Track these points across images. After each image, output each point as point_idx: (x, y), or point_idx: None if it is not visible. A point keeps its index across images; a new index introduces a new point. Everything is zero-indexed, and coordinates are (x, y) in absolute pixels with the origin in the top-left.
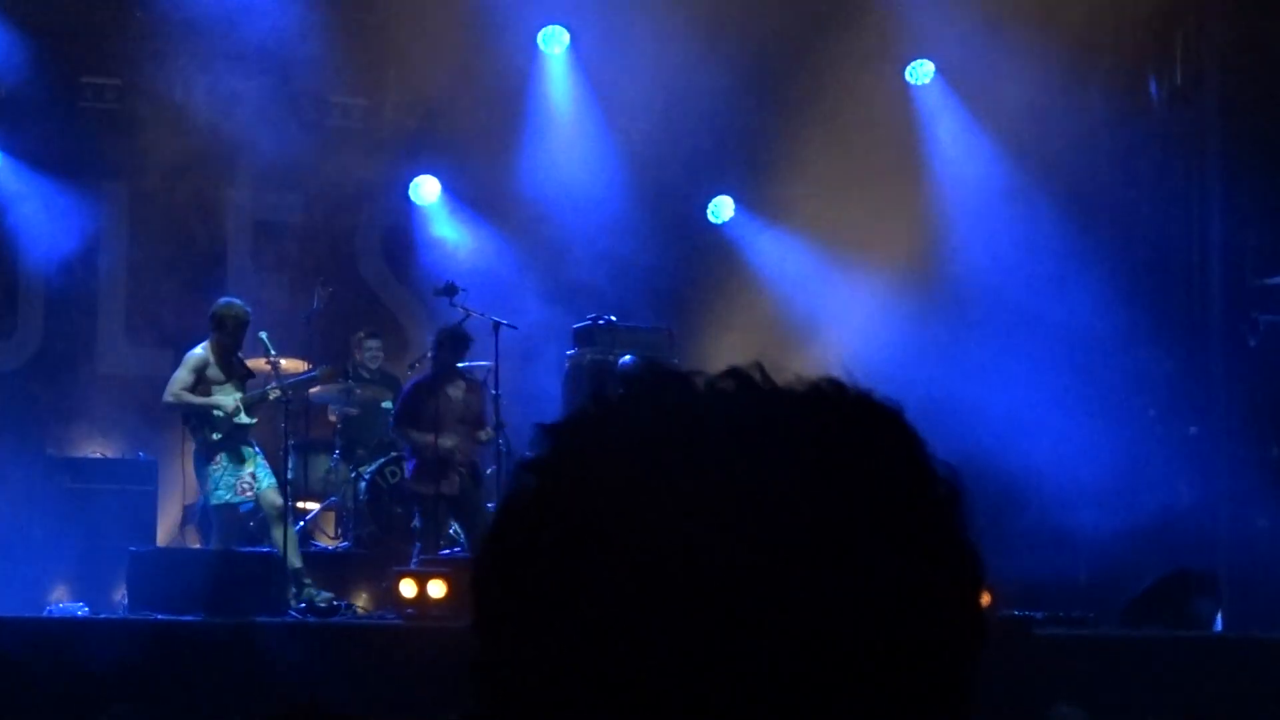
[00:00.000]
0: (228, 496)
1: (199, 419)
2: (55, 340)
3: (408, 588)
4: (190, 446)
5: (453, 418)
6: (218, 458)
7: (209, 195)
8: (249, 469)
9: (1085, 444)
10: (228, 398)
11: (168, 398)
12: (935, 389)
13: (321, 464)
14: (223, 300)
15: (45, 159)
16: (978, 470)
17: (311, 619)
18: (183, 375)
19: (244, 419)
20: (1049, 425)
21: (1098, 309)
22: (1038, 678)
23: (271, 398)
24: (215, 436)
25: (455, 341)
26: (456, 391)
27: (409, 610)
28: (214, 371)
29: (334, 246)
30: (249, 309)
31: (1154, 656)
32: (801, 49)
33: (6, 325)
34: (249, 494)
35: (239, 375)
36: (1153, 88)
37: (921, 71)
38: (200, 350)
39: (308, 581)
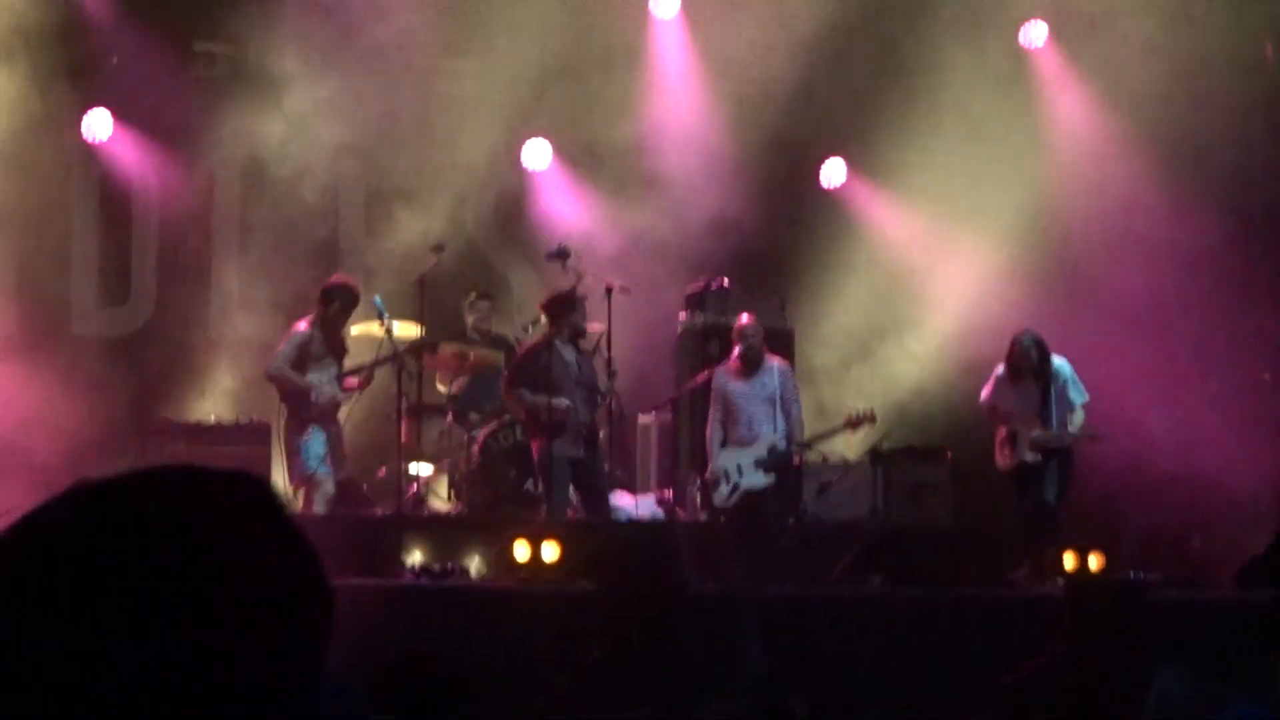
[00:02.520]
0: (319, 468)
1: (296, 395)
2: (168, 306)
3: (521, 550)
4: (282, 417)
5: (569, 382)
6: (309, 430)
7: (319, 161)
8: (330, 445)
9: (1199, 407)
10: (324, 374)
11: (270, 370)
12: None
13: (434, 427)
14: (336, 277)
15: (157, 127)
16: (1091, 433)
17: (425, 582)
18: (287, 351)
19: (338, 395)
20: (1162, 388)
21: (1211, 271)
22: (1149, 640)
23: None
24: (308, 414)
25: (568, 306)
26: (570, 355)
27: (522, 573)
28: (316, 348)
29: (445, 211)
30: (360, 288)
31: (1268, 620)
32: (914, 10)
33: (119, 292)
34: (330, 466)
35: (338, 352)
36: (1269, 51)
37: (1034, 33)
38: (304, 327)
39: None
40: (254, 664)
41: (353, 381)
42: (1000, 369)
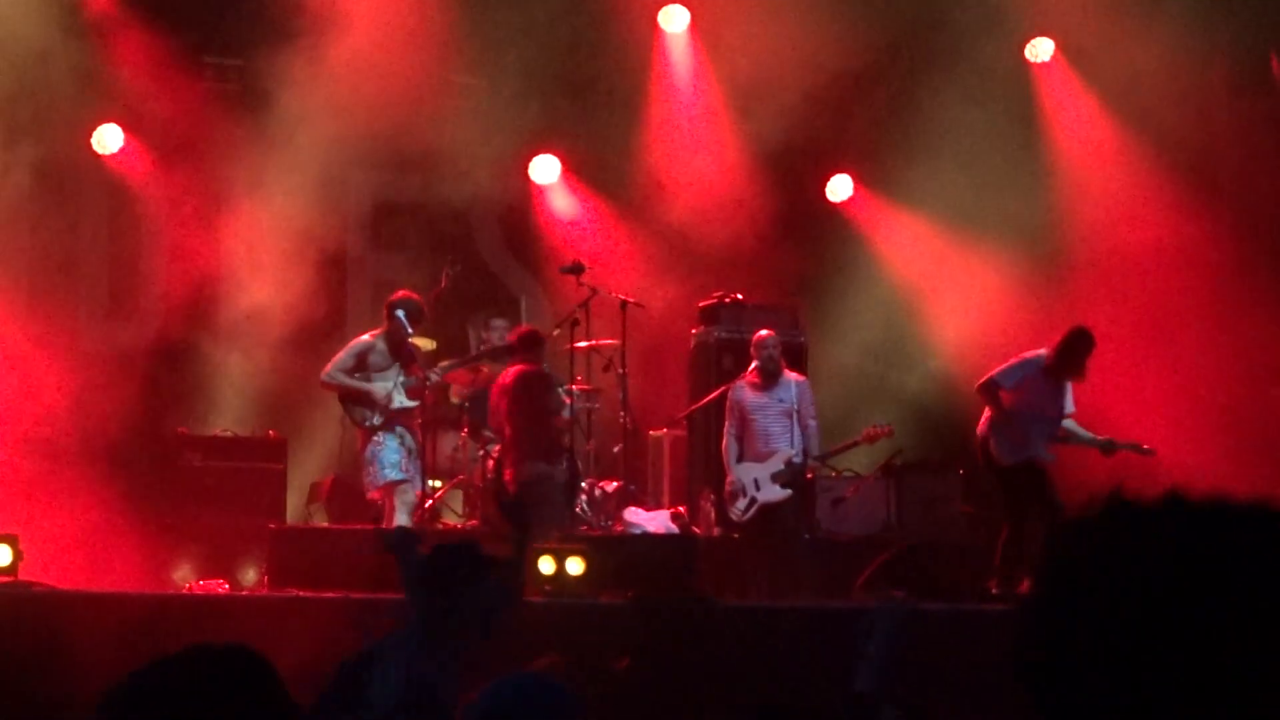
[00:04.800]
0: (394, 475)
1: (354, 402)
2: (177, 319)
3: (546, 565)
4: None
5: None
6: (378, 437)
7: (329, 175)
8: (405, 453)
9: (1205, 421)
10: (387, 382)
11: (324, 377)
12: None
13: (449, 442)
14: (400, 291)
15: (167, 139)
16: (1101, 446)
17: None
18: (343, 358)
19: (404, 403)
20: (1168, 402)
21: (1218, 286)
22: None
23: (433, 379)
24: (374, 420)
25: (541, 341)
26: None
27: (546, 587)
28: (378, 358)
29: (452, 226)
30: (423, 301)
31: None
32: (920, 27)
33: (128, 306)
34: (411, 473)
35: (406, 362)
36: (1274, 65)
37: (1041, 48)
38: (367, 336)
39: None
40: None
41: (419, 392)
42: (1039, 359)
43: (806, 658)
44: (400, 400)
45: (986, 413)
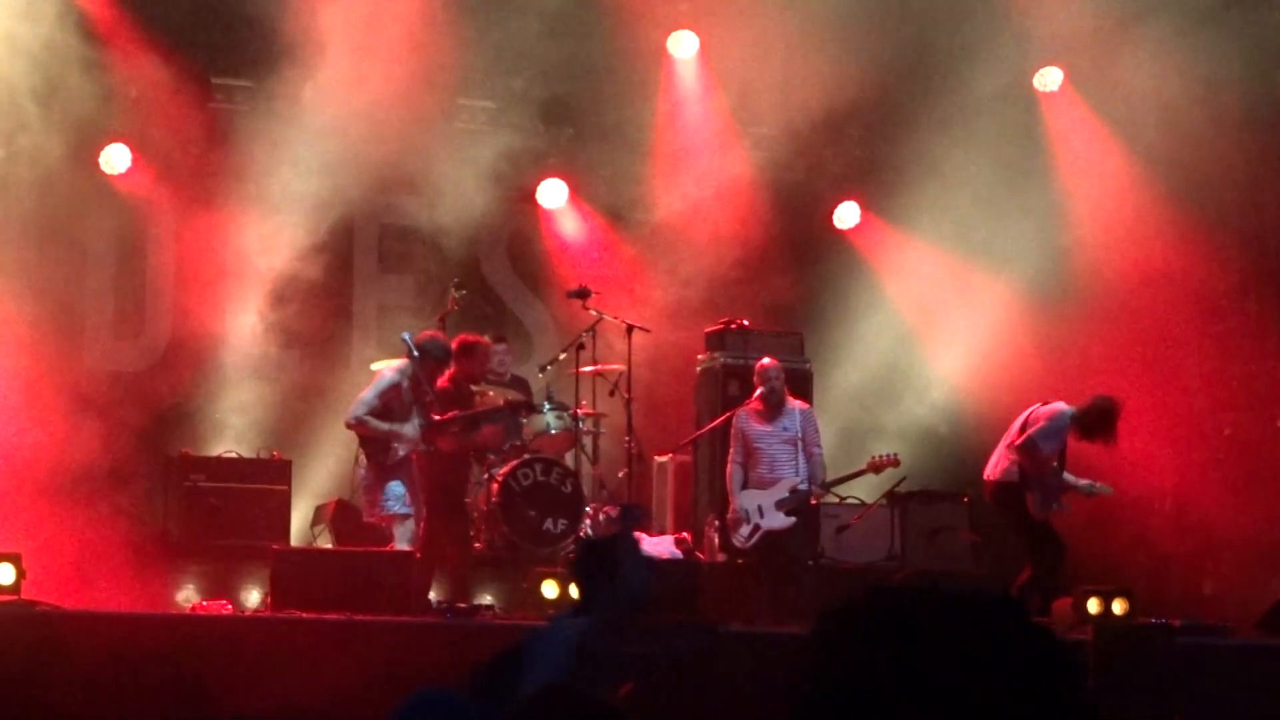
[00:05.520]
0: (399, 508)
1: (378, 444)
2: (183, 339)
3: (550, 589)
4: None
5: None
6: (388, 471)
7: (336, 197)
8: (410, 487)
9: (1211, 450)
10: (409, 426)
11: (350, 420)
12: (1060, 395)
13: None
14: (427, 332)
15: (174, 160)
16: (1108, 477)
17: (455, 619)
18: (369, 398)
19: (422, 447)
20: (1174, 430)
21: (1229, 317)
22: (1176, 685)
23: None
24: (398, 457)
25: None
26: None
27: (549, 610)
28: (405, 397)
29: (459, 249)
30: (449, 343)
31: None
32: (928, 55)
33: (133, 325)
34: (413, 508)
35: (424, 404)
36: None
37: (1050, 78)
38: (394, 375)
39: None
40: None
41: (434, 438)
42: (1068, 417)
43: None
44: (417, 442)
45: (1007, 461)
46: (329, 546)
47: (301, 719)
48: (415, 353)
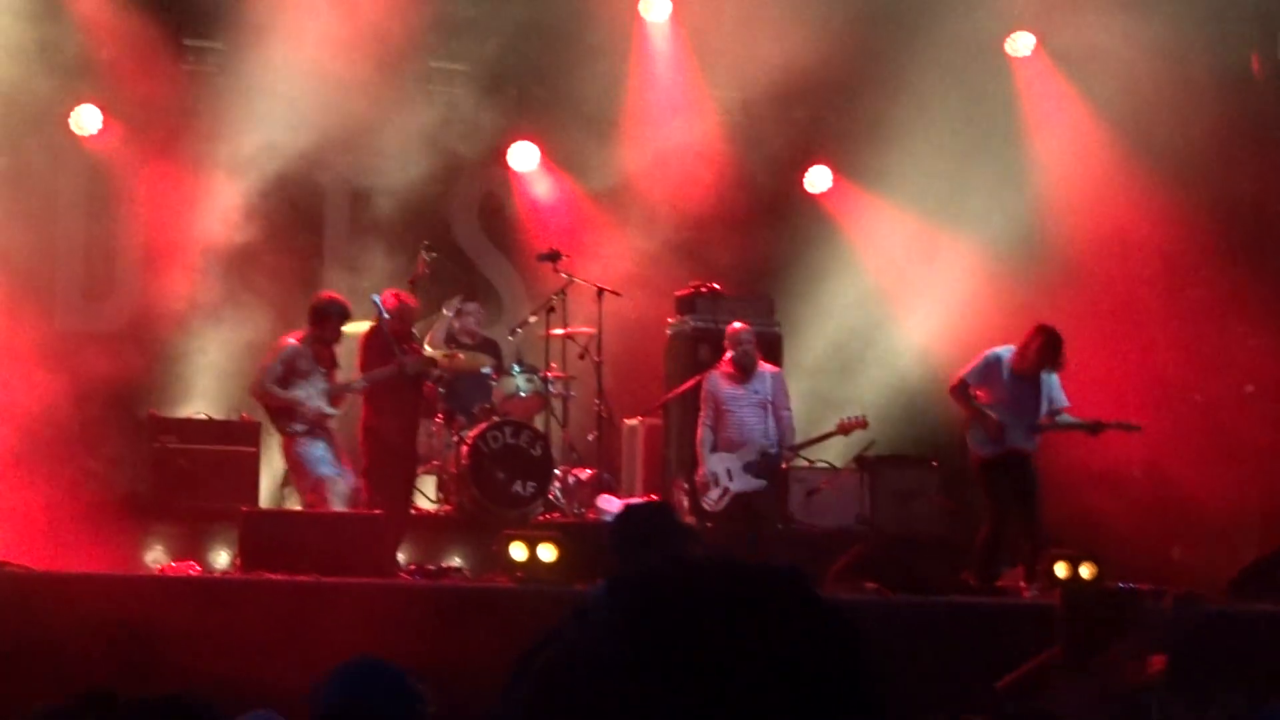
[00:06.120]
0: (326, 470)
1: (282, 411)
2: (154, 301)
3: (518, 551)
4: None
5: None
6: (301, 441)
7: (307, 159)
8: (332, 451)
9: (1180, 416)
10: (313, 389)
11: (254, 389)
12: None
13: (423, 429)
14: (325, 293)
15: (146, 121)
16: (1088, 428)
17: (423, 581)
18: (273, 366)
19: (328, 410)
20: (1144, 396)
21: (1198, 284)
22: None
23: (356, 389)
24: (298, 428)
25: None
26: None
27: (518, 573)
28: (304, 364)
29: (430, 213)
30: (348, 303)
31: (1262, 631)
32: (901, 19)
33: (104, 286)
34: (340, 469)
35: (329, 367)
36: (1255, 64)
37: (1021, 43)
38: (293, 341)
39: None
40: None
41: (340, 399)
42: (1005, 357)
43: None
44: (324, 408)
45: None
46: (298, 508)
47: (270, 681)
48: (385, 315)
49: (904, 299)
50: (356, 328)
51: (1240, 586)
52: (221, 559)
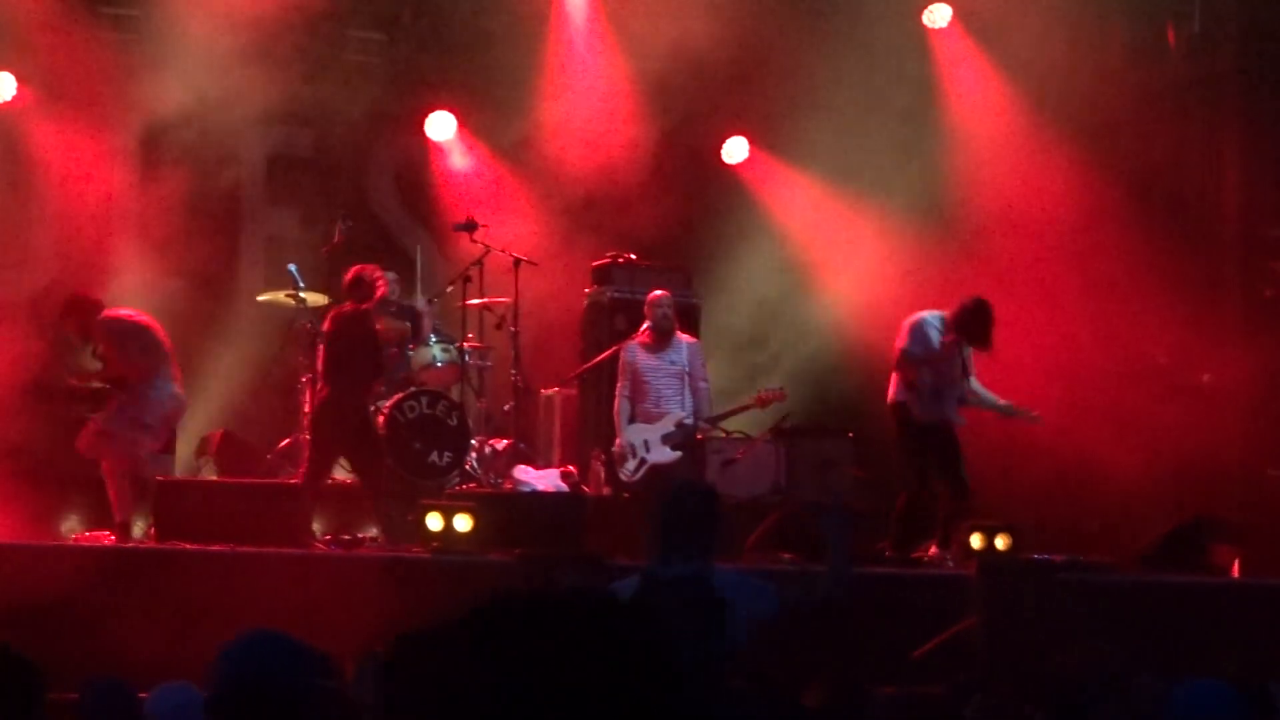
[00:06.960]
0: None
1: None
2: (68, 269)
3: (434, 521)
4: None
5: None
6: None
7: (223, 127)
8: None
9: (1095, 387)
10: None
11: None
12: None
13: None
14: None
15: (61, 88)
16: (1002, 410)
17: (339, 550)
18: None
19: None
20: (1059, 367)
21: (1111, 255)
22: (1057, 621)
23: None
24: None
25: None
26: None
27: (434, 543)
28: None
29: (347, 181)
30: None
31: (1173, 602)
32: None
33: (17, 254)
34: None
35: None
36: (1170, 35)
37: (939, 14)
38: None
39: None
40: None
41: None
42: (936, 321)
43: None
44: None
45: (895, 380)
46: (213, 478)
47: (185, 652)
48: (301, 284)
49: (821, 270)
50: (275, 296)
51: (1152, 558)
52: (137, 528)
